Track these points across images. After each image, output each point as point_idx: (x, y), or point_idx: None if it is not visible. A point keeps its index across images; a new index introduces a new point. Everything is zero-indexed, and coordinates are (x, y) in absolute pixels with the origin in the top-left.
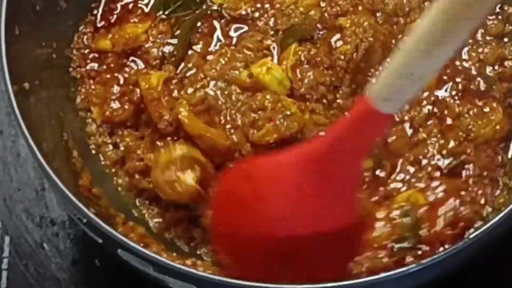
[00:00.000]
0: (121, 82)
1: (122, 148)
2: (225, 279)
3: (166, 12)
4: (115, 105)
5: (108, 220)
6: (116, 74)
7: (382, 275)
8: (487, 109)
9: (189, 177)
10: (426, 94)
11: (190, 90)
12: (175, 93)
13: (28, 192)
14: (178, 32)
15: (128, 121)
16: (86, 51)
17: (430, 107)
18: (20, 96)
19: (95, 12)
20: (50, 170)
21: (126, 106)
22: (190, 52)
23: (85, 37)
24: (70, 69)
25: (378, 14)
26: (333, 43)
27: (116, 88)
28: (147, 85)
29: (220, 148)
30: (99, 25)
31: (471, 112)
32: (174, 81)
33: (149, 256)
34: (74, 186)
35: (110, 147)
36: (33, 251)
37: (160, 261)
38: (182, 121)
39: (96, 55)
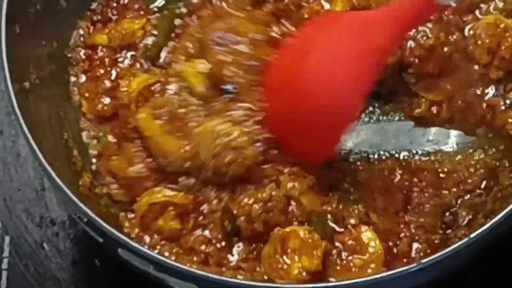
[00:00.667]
0: (113, 77)
1: (101, 144)
2: (225, 278)
3: (160, 5)
4: (105, 100)
5: (110, 220)
6: (109, 69)
7: (382, 274)
8: None
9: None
10: None
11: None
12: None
13: (28, 192)
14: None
15: (114, 116)
16: (83, 46)
17: None
18: (20, 95)
19: (92, 7)
20: (50, 169)
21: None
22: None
23: (83, 33)
24: (70, 67)
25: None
26: None
27: (107, 83)
28: (126, 87)
29: (169, 156)
30: (95, 19)
31: None
32: (155, 87)
33: (149, 255)
34: (74, 186)
35: (95, 142)
36: (33, 251)
37: (160, 260)
38: (139, 123)
39: (91, 50)
